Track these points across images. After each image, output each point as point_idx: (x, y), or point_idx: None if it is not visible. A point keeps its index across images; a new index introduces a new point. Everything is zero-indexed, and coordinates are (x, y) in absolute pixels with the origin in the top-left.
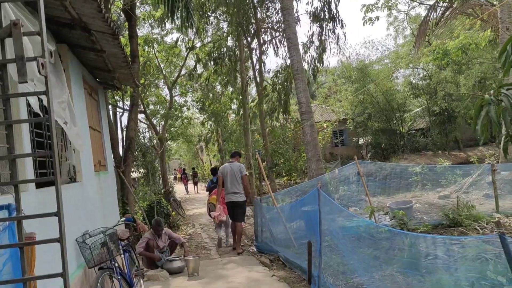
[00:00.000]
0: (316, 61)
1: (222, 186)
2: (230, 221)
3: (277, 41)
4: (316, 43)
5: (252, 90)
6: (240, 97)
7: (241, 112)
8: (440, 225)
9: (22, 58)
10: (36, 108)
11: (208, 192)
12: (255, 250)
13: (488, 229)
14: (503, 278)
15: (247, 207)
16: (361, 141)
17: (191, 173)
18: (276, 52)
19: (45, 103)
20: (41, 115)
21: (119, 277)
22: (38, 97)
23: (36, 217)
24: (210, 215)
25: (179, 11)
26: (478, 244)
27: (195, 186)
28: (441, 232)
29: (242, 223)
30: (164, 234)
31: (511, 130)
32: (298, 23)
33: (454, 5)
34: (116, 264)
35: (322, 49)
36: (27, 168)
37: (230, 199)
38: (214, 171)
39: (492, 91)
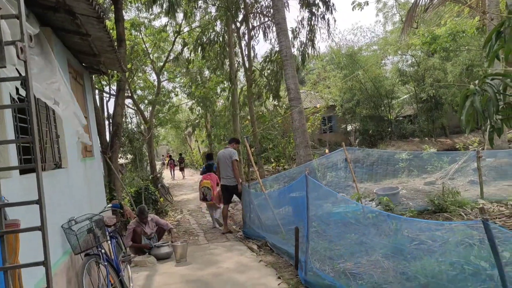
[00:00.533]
0: (305, 47)
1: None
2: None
3: (266, 26)
4: (306, 28)
5: (241, 75)
6: (229, 83)
7: (230, 98)
8: (425, 211)
9: (0, 42)
10: (13, 94)
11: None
12: (243, 235)
13: (472, 215)
14: (486, 263)
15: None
16: (349, 128)
17: (177, 159)
18: (266, 37)
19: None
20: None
21: (106, 263)
22: (23, 82)
23: (17, 205)
24: (206, 199)
25: None
26: (463, 229)
27: (182, 172)
28: (426, 218)
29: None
30: (151, 220)
31: (493, 121)
32: (287, 8)
33: None
34: (103, 251)
35: (311, 35)
36: (10, 155)
37: (222, 183)
38: (209, 156)
39: (477, 81)
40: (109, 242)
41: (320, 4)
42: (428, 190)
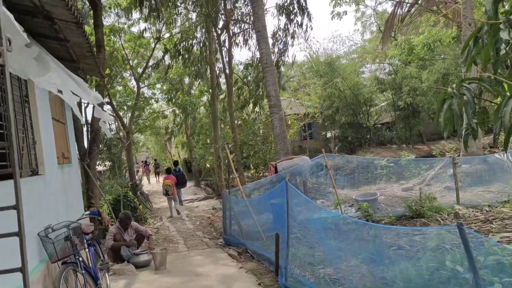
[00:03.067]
0: (283, 54)
1: None
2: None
3: (246, 33)
4: (284, 36)
5: (222, 82)
6: (210, 89)
7: (211, 104)
8: (403, 216)
9: None
10: None
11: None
12: (223, 242)
13: (449, 220)
14: (460, 267)
15: (216, 200)
16: (329, 135)
17: (153, 164)
18: (243, 44)
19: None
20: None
21: (84, 271)
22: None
23: None
24: (168, 194)
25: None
26: (439, 234)
27: (157, 176)
28: (404, 224)
29: None
30: (131, 228)
31: (473, 123)
32: (267, 15)
33: (419, 2)
34: (81, 259)
35: (290, 43)
36: None
37: None
38: (176, 163)
39: (454, 85)
40: (87, 250)
41: (298, 12)
42: (405, 196)
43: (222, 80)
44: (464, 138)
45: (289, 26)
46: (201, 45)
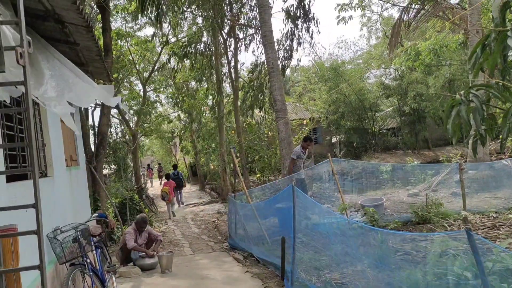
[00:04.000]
0: (288, 59)
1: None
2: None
3: (251, 38)
4: (290, 41)
5: (227, 87)
6: (215, 94)
7: (216, 108)
8: (409, 222)
9: (0, 47)
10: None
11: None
12: (229, 246)
13: (455, 226)
14: (469, 273)
15: (221, 204)
16: (334, 140)
17: (157, 168)
18: (246, 48)
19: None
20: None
21: (91, 273)
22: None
23: (13, 208)
24: (164, 199)
25: (149, 8)
26: (446, 240)
27: (161, 180)
28: (410, 229)
29: None
30: (145, 231)
31: (481, 129)
32: (273, 20)
33: (426, 8)
34: (88, 260)
35: (295, 48)
36: None
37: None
38: (175, 167)
39: (462, 92)
40: (94, 252)
41: (304, 17)
42: (411, 202)
43: (228, 84)
44: (473, 145)
45: (295, 31)
46: (207, 49)
